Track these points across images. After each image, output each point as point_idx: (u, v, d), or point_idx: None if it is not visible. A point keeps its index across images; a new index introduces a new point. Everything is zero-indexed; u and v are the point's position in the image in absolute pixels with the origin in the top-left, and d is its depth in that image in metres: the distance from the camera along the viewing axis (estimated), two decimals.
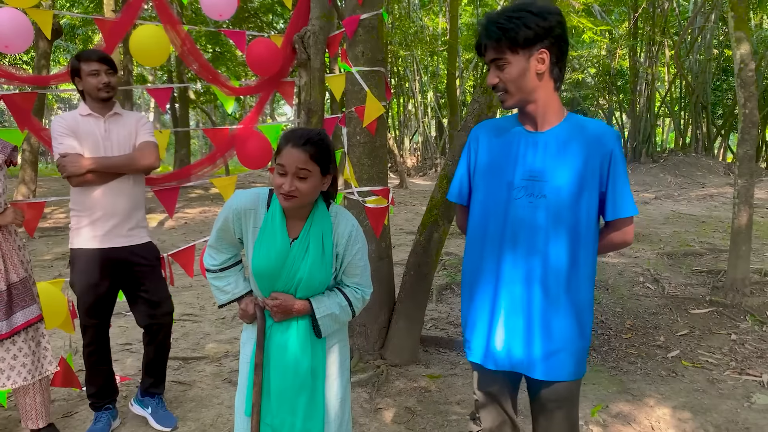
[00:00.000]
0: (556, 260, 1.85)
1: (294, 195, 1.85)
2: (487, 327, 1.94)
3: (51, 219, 10.78)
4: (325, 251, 1.97)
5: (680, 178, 15.66)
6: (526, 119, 1.92)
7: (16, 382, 2.79)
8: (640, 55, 19.61)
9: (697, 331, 4.64)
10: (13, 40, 3.05)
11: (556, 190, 1.84)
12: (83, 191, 2.90)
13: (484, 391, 2.08)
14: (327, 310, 2.00)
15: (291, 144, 1.84)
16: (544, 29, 1.77)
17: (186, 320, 5.10)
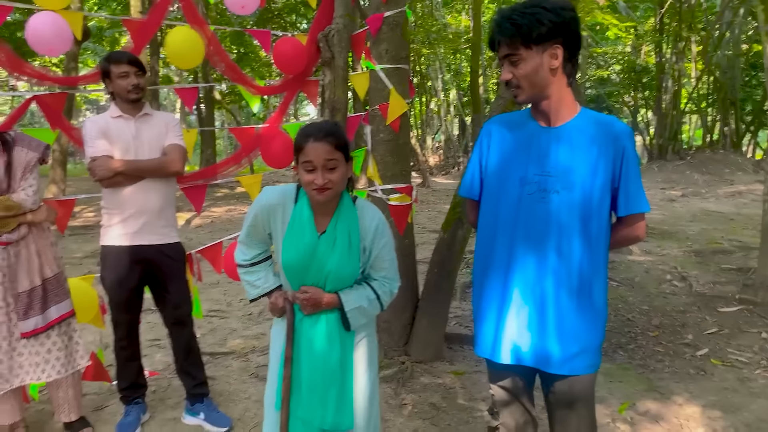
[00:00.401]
0: (569, 255, 1.86)
1: (328, 187, 1.88)
2: (496, 321, 1.95)
3: (80, 218, 10.98)
4: (352, 244, 1.99)
5: (708, 175, 15.40)
6: (539, 114, 1.93)
7: (50, 376, 2.86)
8: (666, 52, 19.32)
9: (727, 329, 4.58)
10: (55, 44, 3.13)
11: (569, 186, 1.84)
12: (115, 189, 2.95)
13: (499, 386, 2.09)
14: (355, 303, 2.02)
15: (312, 139, 1.87)
16: (557, 25, 1.77)
17: (213, 316, 5.17)
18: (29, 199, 2.73)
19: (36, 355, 2.83)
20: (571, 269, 1.86)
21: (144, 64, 3.08)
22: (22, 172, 2.75)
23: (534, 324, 1.89)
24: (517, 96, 1.88)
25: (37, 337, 2.80)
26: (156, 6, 3.51)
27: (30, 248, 2.77)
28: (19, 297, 2.74)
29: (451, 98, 24.64)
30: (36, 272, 2.78)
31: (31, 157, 2.78)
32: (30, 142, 2.83)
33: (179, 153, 3.03)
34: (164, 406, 3.45)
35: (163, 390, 3.66)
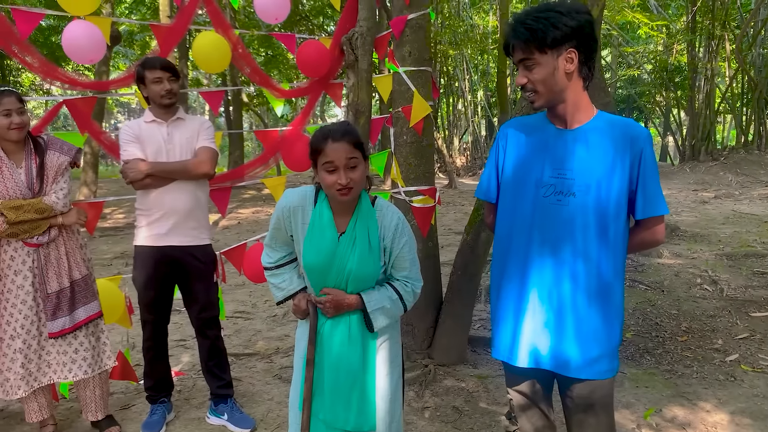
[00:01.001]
0: (586, 258, 1.84)
1: (350, 186, 1.90)
2: (513, 324, 1.95)
3: (111, 219, 11.19)
4: (372, 243, 2.00)
5: (742, 176, 15.05)
6: (556, 117, 1.92)
7: (77, 375, 2.93)
8: (698, 50, 18.95)
9: (758, 334, 4.47)
10: (90, 53, 3.21)
11: (585, 188, 1.83)
12: (146, 191, 3.02)
13: (517, 390, 2.08)
14: (378, 303, 2.03)
15: (331, 140, 1.89)
16: (572, 29, 1.76)
17: (239, 317, 5.22)
18: (60, 202, 2.80)
19: (63, 355, 2.89)
20: (589, 272, 1.85)
21: (177, 70, 3.13)
22: (54, 175, 2.83)
23: (552, 327, 1.88)
24: (533, 101, 1.87)
25: (65, 337, 2.87)
26: (182, 11, 3.56)
27: (60, 250, 2.85)
28: (48, 298, 2.81)
29: (479, 99, 24.52)
30: (65, 274, 2.85)
31: (62, 160, 2.87)
32: (62, 146, 2.91)
33: (208, 155, 3.08)
34: (189, 405, 3.49)
35: (189, 390, 3.71)
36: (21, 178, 2.74)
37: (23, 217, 2.67)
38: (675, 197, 12.05)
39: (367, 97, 3.81)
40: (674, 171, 16.54)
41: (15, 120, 2.69)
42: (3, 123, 2.68)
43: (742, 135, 19.47)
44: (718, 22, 16.93)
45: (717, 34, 17.23)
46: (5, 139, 2.73)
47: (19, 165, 2.77)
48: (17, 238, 2.73)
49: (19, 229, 2.70)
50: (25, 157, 2.79)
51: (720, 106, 19.37)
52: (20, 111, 2.72)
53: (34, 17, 3.15)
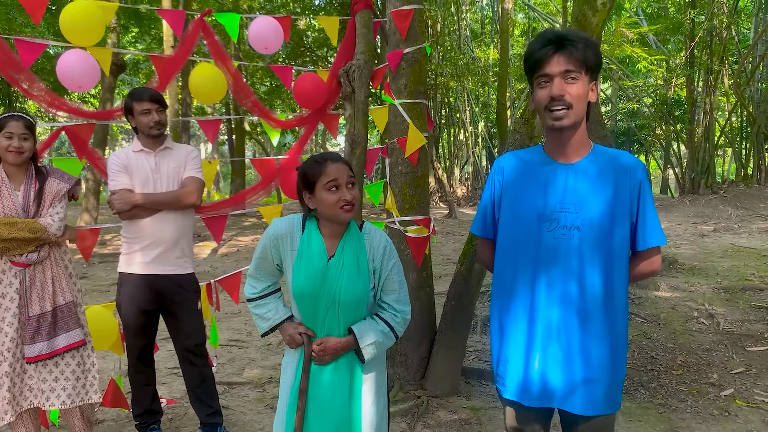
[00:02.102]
0: (592, 292, 1.84)
1: (353, 202, 1.97)
2: (524, 363, 1.92)
3: (110, 245, 11.21)
4: (360, 265, 2.03)
5: (741, 210, 15.07)
6: (557, 149, 1.92)
7: (54, 404, 2.88)
8: (697, 85, 19.15)
9: (754, 369, 4.45)
10: (84, 81, 3.28)
11: (589, 222, 1.84)
12: (133, 220, 3.05)
13: (517, 429, 2.05)
14: (370, 339, 2.05)
15: (330, 161, 1.99)
16: (601, 63, 1.83)
17: (233, 346, 5.21)
18: (54, 224, 2.84)
19: (43, 382, 2.87)
20: (596, 307, 1.85)
21: (169, 98, 3.19)
22: (51, 200, 2.88)
23: (562, 365, 1.87)
24: (563, 118, 1.82)
25: (44, 363, 2.86)
26: (183, 43, 3.64)
27: (46, 274, 2.86)
28: (29, 321, 2.81)
29: (480, 130, 24.71)
30: (48, 298, 2.85)
31: (61, 187, 2.92)
32: (62, 175, 2.97)
33: (195, 185, 3.12)
34: None
35: (180, 418, 3.69)
36: (18, 200, 2.79)
37: (16, 234, 2.70)
38: (674, 230, 12.06)
39: (363, 128, 3.87)
40: (674, 204, 16.57)
41: (14, 144, 2.74)
42: (3, 144, 2.74)
43: (742, 169, 19.56)
44: (717, 57, 17.14)
45: (715, 68, 17.43)
46: (4, 160, 2.78)
47: (17, 188, 2.82)
48: (7, 254, 2.75)
49: (10, 245, 2.72)
50: (25, 181, 2.84)
51: (719, 139, 19.49)
52: (23, 137, 2.78)
53: (36, 47, 3.23)
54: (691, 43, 17.01)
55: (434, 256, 4.49)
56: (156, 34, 17.76)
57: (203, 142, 35.22)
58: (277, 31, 3.63)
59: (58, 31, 12.86)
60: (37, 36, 11.40)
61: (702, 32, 16.64)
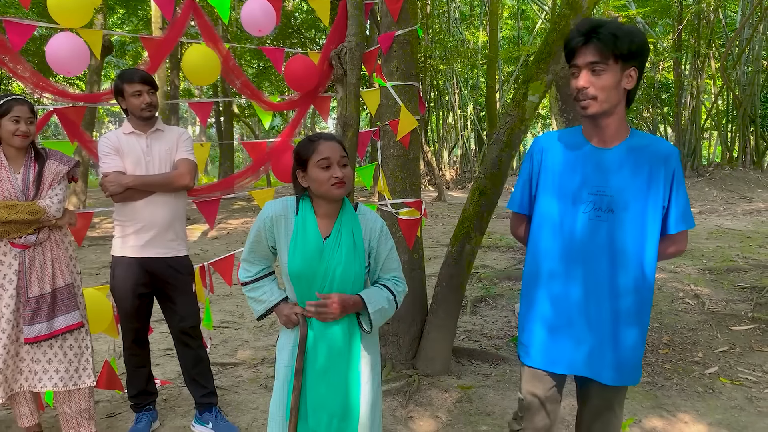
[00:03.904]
0: (624, 271, 1.96)
1: (345, 181, 1.99)
2: (549, 333, 2.05)
3: (100, 229, 11.17)
4: (357, 245, 2.06)
5: (726, 192, 15.25)
6: (595, 133, 2.00)
7: (46, 386, 2.88)
8: (685, 68, 19.24)
9: (738, 347, 4.55)
10: (73, 65, 3.26)
11: (624, 205, 1.94)
12: (125, 203, 3.05)
13: (533, 394, 2.17)
14: (378, 304, 2.08)
15: (323, 139, 2.02)
16: (641, 48, 1.87)
17: (225, 327, 5.24)
18: (53, 206, 2.84)
19: (36, 363, 2.87)
20: (627, 285, 1.96)
21: (156, 81, 3.18)
22: (50, 182, 2.87)
23: (594, 337, 1.99)
24: (588, 107, 1.90)
25: (39, 345, 2.86)
26: (173, 24, 3.62)
27: (45, 256, 2.86)
28: (28, 302, 2.82)
29: (469, 113, 24.71)
30: (47, 280, 2.86)
31: (60, 169, 2.91)
32: (61, 157, 2.97)
33: (188, 167, 3.12)
34: (174, 414, 3.52)
35: (174, 399, 3.73)
36: (17, 183, 2.79)
37: (15, 216, 2.70)
38: None
39: (355, 111, 3.88)
40: None
41: (22, 128, 2.74)
42: (10, 128, 2.73)
43: (728, 151, 19.74)
44: (704, 40, 17.21)
45: (702, 52, 17.51)
46: (8, 144, 2.78)
47: (17, 170, 2.82)
48: (6, 237, 2.76)
49: (10, 228, 2.73)
50: (24, 163, 2.84)
51: (706, 122, 19.64)
52: (29, 121, 2.78)
53: (26, 29, 3.20)
54: (679, 26, 17.06)
55: (424, 238, 4.54)
56: (143, 15, 17.56)
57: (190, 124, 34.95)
58: (270, 13, 3.62)
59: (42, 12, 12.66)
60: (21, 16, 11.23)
61: (690, 15, 16.69)
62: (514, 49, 21.44)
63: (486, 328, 5.14)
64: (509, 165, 3.73)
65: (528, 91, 3.55)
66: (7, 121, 2.73)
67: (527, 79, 3.60)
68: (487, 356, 4.37)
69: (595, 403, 2.12)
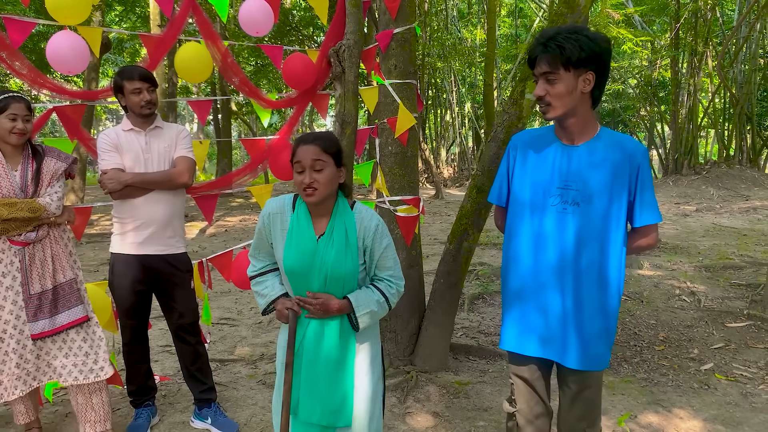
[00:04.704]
0: (590, 260, 2.07)
1: (314, 186, 2.00)
2: (520, 318, 2.20)
3: (98, 226, 11.18)
4: (349, 242, 2.08)
5: (723, 190, 15.31)
6: (563, 133, 2.13)
7: (67, 381, 2.91)
8: (682, 66, 19.27)
9: (733, 344, 4.58)
10: (73, 64, 3.27)
11: (588, 198, 2.05)
12: (124, 200, 3.06)
13: (519, 376, 2.29)
14: (366, 308, 2.10)
15: (302, 143, 2.04)
16: (595, 53, 1.96)
17: (224, 324, 5.26)
18: (53, 204, 2.85)
19: (54, 359, 2.90)
20: (592, 273, 2.08)
21: (156, 78, 3.19)
22: (49, 180, 2.88)
23: (558, 323, 2.11)
24: (546, 112, 2.05)
25: (53, 340, 2.89)
26: (173, 22, 3.63)
27: (45, 252, 2.88)
28: (30, 299, 2.83)
29: (466, 111, 24.73)
30: (48, 276, 2.87)
31: (59, 166, 2.92)
32: (59, 154, 2.97)
33: (187, 165, 3.14)
34: (173, 410, 3.54)
35: (173, 395, 3.75)
36: (16, 180, 2.79)
37: (16, 214, 2.72)
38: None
39: (353, 108, 3.90)
40: (657, 184, 16.76)
41: (18, 125, 2.75)
42: (6, 126, 2.74)
43: (724, 150, 19.78)
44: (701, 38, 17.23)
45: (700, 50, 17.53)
46: (5, 142, 2.78)
47: (14, 168, 2.82)
48: (5, 234, 2.77)
49: (9, 225, 2.74)
50: (22, 161, 2.84)
51: (703, 121, 19.67)
52: (26, 118, 2.79)
53: (26, 26, 3.21)
54: (677, 24, 17.08)
55: (422, 236, 4.56)
56: (141, 12, 17.53)
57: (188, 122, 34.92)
58: (268, 13, 3.63)
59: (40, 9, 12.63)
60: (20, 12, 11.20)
61: (687, 13, 16.71)
62: (512, 47, 21.47)
63: (483, 325, 5.17)
64: None
65: (525, 89, 3.57)
66: (4, 118, 2.74)
67: (525, 77, 3.62)
68: (484, 353, 4.40)
69: (571, 387, 2.21)
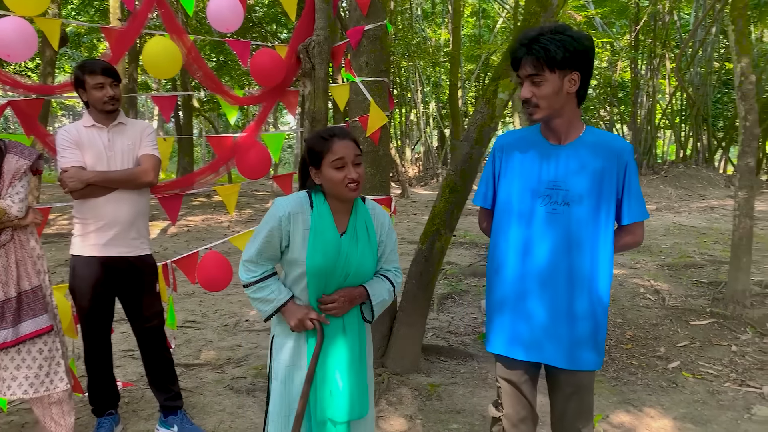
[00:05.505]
0: (580, 261, 2.04)
1: (359, 180, 1.98)
2: (511, 321, 2.14)
3: (54, 225, 10.81)
4: (371, 239, 2.09)
5: (681, 189, 15.68)
6: (550, 132, 2.09)
7: (15, 394, 2.72)
8: (641, 68, 19.68)
9: (698, 342, 4.65)
10: (16, 50, 3.07)
11: (578, 198, 2.03)
12: (86, 200, 2.91)
13: (506, 380, 2.24)
14: (380, 296, 2.13)
15: (338, 138, 1.98)
16: (580, 53, 1.93)
17: (188, 327, 5.11)
18: (14, 206, 2.63)
19: (4, 370, 2.70)
20: (582, 274, 2.04)
21: (119, 73, 3.05)
22: (10, 179, 2.65)
23: (548, 324, 2.07)
24: (533, 114, 2.02)
25: (7, 351, 2.69)
26: (136, 15, 3.49)
27: (9, 258, 2.68)
28: None
29: (431, 110, 24.80)
30: (12, 284, 2.67)
31: (21, 164, 2.69)
32: (22, 150, 2.73)
33: (152, 163, 3.00)
34: (137, 417, 3.40)
35: (137, 401, 3.61)
36: None
37: None
38: None
39: (323, 106, 3.83)
40: None
41: None
42: None
43: (681, 150, 20.29)
44: (660, 41, 17.63)
45: (658, 52, 17.94)
46: None
47: None
48: None
49: None
50: None
51: (661, 121, 20.14)
52: None
53: None
54: (636, 26, 17.42)
55: None
56: (99, 5, 17.05)
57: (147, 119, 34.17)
58: (237, 9, 3.52)
59: None
60: None
61: (646, 16, 17.06)
62: (476, 47, 21.59)
63: (453, 325, 5.15)
64: (479, 162, 3.72)
65: (498, 88, 3.55)
66: None
67: (497, 77, 3.60)
68: (456, 353, 4.37)
69: (564, 390, 2.17)
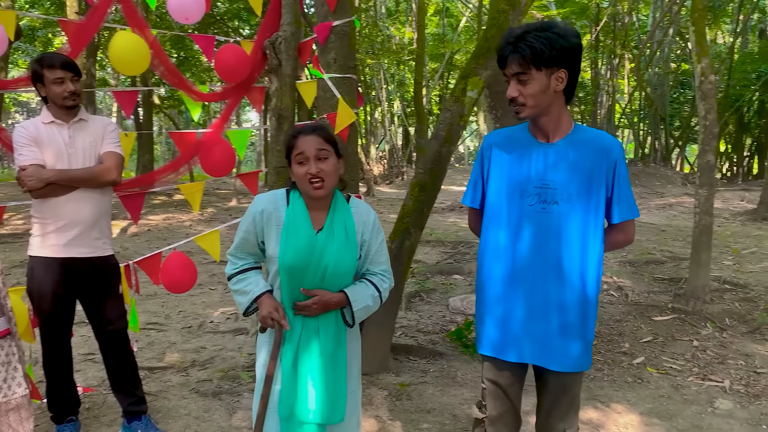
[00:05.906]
0: (569, 261, 2.01)
1: (321, 177, 1.94)
2: (500, 322, 2.10)
3: (9, 225, 10.45)
4: (349, 237, 2.04)
5: (640, 187, 16.00)
6: (538, 131, 2.06)
7: None
8: (601, 68, 20.04)
9: (661, 337, 4.74)
10: None
11: (567, 197, 2.00)
12: (46, 199, 2.80)
13: (493, 381, 2.20)
14: (362, 303, 2.07)
15: (303, 134, 1.96)
16: (567, 51, 1.90)
17: (151, 329, 4.99)
18: None
19: None
20: (572, 274, 2.02)
21: (80, 68, 2.93)
22: None
23: (538, 325, 2.04)
24: (520, 112, 1.99)
25: None
26: (95, 8, 3.37)
27: None
28: None
29: (395, 108, 24.82)
30: None
31: None
32: None
33: (115, 161, 2.90)
34: (99, 423, 3.29)
35: (98, 407, 3.50)
36: None
37: None
38: None
39: (290, 103, 3.75)
40: None
41: None
42: None
43: (640, 149, 20.75)
44: (619, 42, 17.97)
45: (618, 53, 18.29)
46: None
47: None
48: None
49: None
50: None
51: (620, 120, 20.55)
52: None
53: None
54: (596, 27, 17.72)
55: None
56: None
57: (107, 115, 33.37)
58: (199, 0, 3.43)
59: None
60: None
61: (606, 17, 17.37)
62: (440, 46, 21.69)
63: (421, 323, 5.14)
64: (449, 160, 3.71)
65: (467, 86, 3.54)
66: None
67: (466, 75, 3.60)
68: (425, 352, 4.35)
69: (552, 391, 2.15)
